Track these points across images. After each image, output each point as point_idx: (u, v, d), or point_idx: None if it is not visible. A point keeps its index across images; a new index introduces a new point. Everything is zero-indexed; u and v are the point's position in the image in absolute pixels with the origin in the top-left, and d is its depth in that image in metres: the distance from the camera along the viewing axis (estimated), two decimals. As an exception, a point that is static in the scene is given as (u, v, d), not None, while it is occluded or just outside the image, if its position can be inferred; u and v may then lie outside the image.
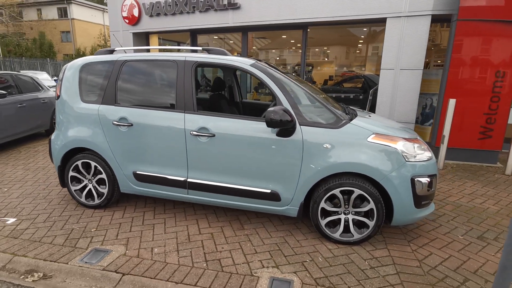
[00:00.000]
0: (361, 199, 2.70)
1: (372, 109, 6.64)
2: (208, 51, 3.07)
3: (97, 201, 3.35)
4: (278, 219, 3.26)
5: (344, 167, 2.62)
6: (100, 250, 2.60)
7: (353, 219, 2.76)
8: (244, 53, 8.50)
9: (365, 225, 2.75)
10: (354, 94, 9.20)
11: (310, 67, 12.77)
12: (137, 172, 3.13)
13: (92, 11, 35.97)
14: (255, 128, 2.75)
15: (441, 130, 5.19)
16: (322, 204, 2.74)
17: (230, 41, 10.49)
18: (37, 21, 33.38)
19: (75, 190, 3.40)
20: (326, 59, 13.88)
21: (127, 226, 3.04)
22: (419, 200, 2.67)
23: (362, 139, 2.63)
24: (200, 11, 7.97)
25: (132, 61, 3.15)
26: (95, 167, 3.26)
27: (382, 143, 2.62)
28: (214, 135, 2.84)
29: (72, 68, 3.32)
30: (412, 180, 2.60)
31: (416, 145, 2.76)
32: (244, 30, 8.13)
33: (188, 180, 2.99)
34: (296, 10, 6.92)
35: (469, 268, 2.52)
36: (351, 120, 2.76)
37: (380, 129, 2.72)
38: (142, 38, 9.61)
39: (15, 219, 3.13)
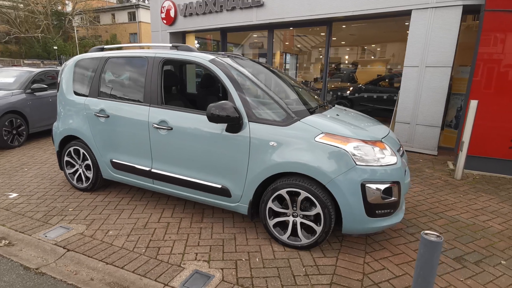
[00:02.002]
0: (310, 203, 2.56)
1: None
2: (177, 48, 3.18)
3: (85, 184, 3.70)
4: (240, 216, 3.24)
5: (288, 166, 2.51)
6: (64, 227, 2.89)
7: (301, 223, 2.63)
8: (270, 50, 8.48)
9: (314, 230, 2.59)
10: (379, 94, 8.60)
11: (355, 66, 12.18)
12: (113, 160, 3.39)
13: (156, 14, 38.93)
14: (207, 123, 2.77)
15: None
16: (270, 204, 2.66)
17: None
18: (110, 24, 37.35)
19: (69, 173, 3.81)
20: (372, 57, 13.08)
21: (100, 209, 3.31)
22: (372, 209, 2.43)
23: (309, 138, 2.49)
24: (227, 10, 8.17)
25: (114, 58, 3.41)
26: (83, 154, 3.61)
27: (330, 143, 2.44)
28: (171, 128, 2.94)
29: (69, 63, 3.72)
30: (363, 186, 2.38)
31: (376, 148, 2.51)
32: (268, 27, 8.11)
33: (152, 170, 3.15)
34: (318, 6, 6.68)
35: (419, 289, 2.22)
36: (304, 117, 2.62)
37: (334, 128, 2.53)
38: (179, 38, 10.17)
39: (17, 194, 3.63)
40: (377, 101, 9.02)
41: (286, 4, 7.14)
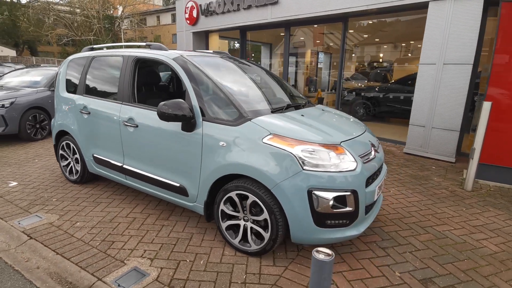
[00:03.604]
0: (260, 208, 2.43)
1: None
2: (150, 46, 3.22)
3: (75, 177, 3.93)
4: (207, 216, 3.19)
5: (235, 168, 2.41)
6: (38, 216, 3.08)
7: (251, 228, 2.51)
8: (286, 48, 8.30)
9: (263, 237, 2.46)
10: (406, 94, 7.94)
11: (388, 64, 11.50)
12: (94, 155, 3.54)
13: (198, 15, 40.25)
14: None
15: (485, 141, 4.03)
16: (222, 206, 2.58)
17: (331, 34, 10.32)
18: (155, 26, 39.41)
19: (63, 166, 4.06)
20: (409, 54, 12.21)
21: (80, 201, 3.48)
22: (322, 219, 2.24)
23: (257, 139, 2.36)
24: (244, 8, 8.16)
25: (97, 57, 3.56)
26: (73, 148, 3.83)
27: (277, 145, 2.29)
28: (137, 126, 2.99)
29: (64, 63, 3.96)
30: (310, 193, 2.20)
31: (332, 152, 2.31)
32: (283, 25, 7.95)
33: (124, 166, 3.23)
34: (332, 1, 6.37)
35: (361, 311, 2.00)
36: (257, 116, 2.49)
37: (284, 130, 2.37)
38: (202, 37, 10.39)
39: (16, 183, 3.96)
40: (403, 102, 8.39)
41: (299, 0, 6.92)
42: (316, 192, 2.20)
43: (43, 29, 30.93)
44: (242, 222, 2.55)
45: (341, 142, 2.41)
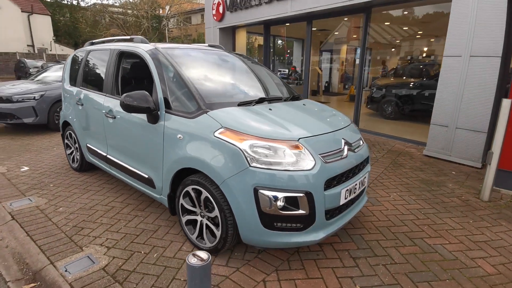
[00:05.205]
0: (213, 204, 2.33)
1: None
2: (133, 40, 3.26)
3: (75, 165, 4.16)
4: (182, 210, 3.17)
5: (189, 162, 2.34)
6: (30, 200, 3.31)
7: (207, 225, 2.43)
8: (308, 42, 7.99)
9: (215, 235, 2.36)
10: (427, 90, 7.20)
11: (431, 59, 10.55)
12: (88, 145, 3.71)
13: (240, 12, 40.63)
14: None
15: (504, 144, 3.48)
16: (181, 200, 2.53)
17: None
18: (199, 24, 40.64)
19: (67, 154, 4.32)
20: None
21: (72, 187, 3.67)
22: (269, 220, 2.09)
23: (209, 132, 2.26)
24: (266, 3, 8.01)
25: (92, 51, 3.71)
26: (74, 137, 4.05)
27: (227, 139, 2.17)
28: (115, 117, 3.05)
29: (70, 57, 4.20)
30: (256, 191, 2.06)
31: (287, 150, 2.13)
32: (304, 18, 7.65)
33: (108, 156, 3.33)
34: (351, -10, 5.96)
35: (296, 324, 1.81)
36: (216, 109, 2.38)
37: (237, 123, 2.23)
38: (228, 33, 10.43)
39: (27, 168, 4.30)
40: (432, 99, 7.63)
41: (320, -8, 6.58)
42: (263, 191, 2.04)
43: (98, 29, 33.55)
44: (199, 218, 2.47)
45: (299, 138, 2.21)
